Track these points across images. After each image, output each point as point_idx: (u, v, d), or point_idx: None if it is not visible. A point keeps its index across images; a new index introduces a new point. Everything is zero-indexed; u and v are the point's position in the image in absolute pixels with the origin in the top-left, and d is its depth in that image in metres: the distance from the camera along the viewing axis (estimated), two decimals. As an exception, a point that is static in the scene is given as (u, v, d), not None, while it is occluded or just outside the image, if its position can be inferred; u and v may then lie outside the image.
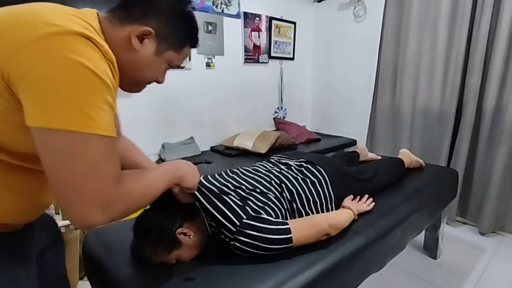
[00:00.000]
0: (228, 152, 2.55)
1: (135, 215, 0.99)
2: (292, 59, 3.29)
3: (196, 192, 0.99)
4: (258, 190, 1.07)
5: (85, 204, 0.55)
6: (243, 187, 1.07)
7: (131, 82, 0.72)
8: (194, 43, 0.77)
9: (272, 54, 3.07)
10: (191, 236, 0.94)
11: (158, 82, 0.77)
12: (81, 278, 1.67)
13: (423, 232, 1.83)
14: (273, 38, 3.03)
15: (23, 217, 0.71)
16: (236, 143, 2.57)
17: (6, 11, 0.55)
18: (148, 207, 0.98)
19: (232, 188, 1.06)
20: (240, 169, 1.22)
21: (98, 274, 1.03)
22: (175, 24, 0.69)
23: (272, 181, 1.14)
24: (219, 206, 0.97)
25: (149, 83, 0.76)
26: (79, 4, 1.78)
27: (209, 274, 0.91)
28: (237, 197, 1.01)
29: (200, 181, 1.02)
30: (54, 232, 0.90)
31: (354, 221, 1.17)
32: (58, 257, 0.90)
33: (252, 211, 0.97)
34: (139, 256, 0.94)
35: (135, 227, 0.94)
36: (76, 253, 1.54)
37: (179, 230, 0.92)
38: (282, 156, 1.41)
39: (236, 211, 0.96)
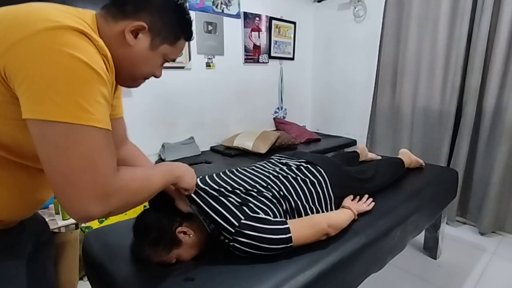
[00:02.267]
0: (228, 152, 2.55)
1: (134, 215, 0.99)
2: (292, 59, 3.29)
3: (193, 195, 0.99)
4: (255, 190, 1.07)
5: (82, 195, 0.55)
6: (241, 187, 1.07)
7: (128, 77, 0.73)
8: (188, 35, 0.77)
9: (272, 54, 3.07)
10: (191, 235, 0.94)
11: (156, 77, 0.77)
12: (81, 278, 1.67)
13: (423, 232, 1.83)
14: (273, 38, 3.03)
15: (18, 214, 0.71)
16: (236, 143, 2.57)
17: (5, 10, 0.56)
18: (148, 207, 0.98)
19: (230, 189, 1.05)
20: (239, 169, 1.22)
21: (98, 274, 1.02)
22: (168, 17, 0.70)
23: (271, 181, 1.13)
24: (217, 208, 0.97)
25: (146, 78, 0.76)
26: (79, 3, 1.79)
27: (209, 274, 0.91)
28: (235, 198, 1.01)
29: (197, 183, 1.02)
30: (45, 234, 0.89)
31: (354, 221, 1.17)
32: (48, 259, 0.89)
33: (250, 211, 0.97)
34: (139, 255, 0.94)
35: (135, 226, 0.94)
36: (76, 253, 1.55)
37: (179, 229, 0.92)
38: (282, 156, 1.41)
39: (234, 212, 0.96)
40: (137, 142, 1.03)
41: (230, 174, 1.17)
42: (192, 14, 0.71)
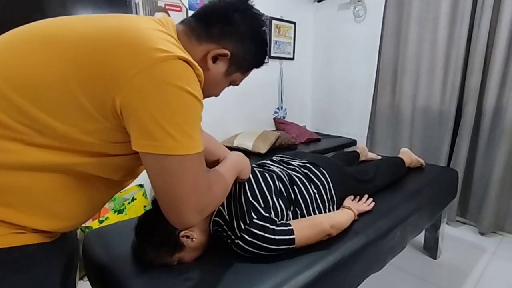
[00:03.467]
0: (228, 152, 2.55)
1: (134, 215, 0.99)
2: (292, 59, 3.29)
3: None
4: (268, 191, 1.07)
5: (189, 212, 0.61)
6: (254, 190, 1.06)
7: None
8: (260, 66, 0.78)
9: (272, 54, 3.07)
10: (194, 239, 0.93)
11: (214, 96, 0.79)
12: (81, 278, 1.67)
13: (423, 232, 1.83)
14: (273, 38, 3.03)
15: (75, 224, 0.71)
16: (236, 143, 2.57)
17: (99, 24, 0.56)
18: (149, 207, 0.98)
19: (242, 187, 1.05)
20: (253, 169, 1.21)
21: (98, 274, 1.02)
22: (249, 48, 0.70)
23: (280, 183, 1.14)
24: (232, 205, 0.99)
25: (209, 97, 0.78)
26: (79, 5, 1.78)
27: (209, 274, 0.91)
28: (248, 196, 1.01)
29: None
30: (76, 253, 0.88)
31: (354, 221, 1.17)
32: (75, 268, 0.88)
33: (264, 211, 0.98)
34: (140, 257, 0.94)
35: (137, 228, 0.94)
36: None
37: (182, 233, 0.91)
38: (284, 156, 1.41)
39: (248, 210, 0.97)
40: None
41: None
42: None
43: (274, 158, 1.41)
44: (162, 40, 0.56)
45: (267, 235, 0.92)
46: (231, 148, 2.58)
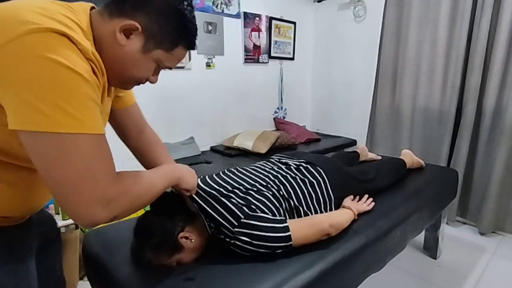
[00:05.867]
0: (228, 152, 2.55)
1: (135, 215, 0.99)
2: (292, 59, 3.29)
3: (194, 195, 0.99)
4: (255, 189, 1.07)
5: (84, 203, 0.55)
6: (241, 187, 1.07)
7: (118, 79, 0.70)
8: (189, 44, 0.72)
9: (272, 54, 3.07)
10: (193, 240, 0.93)
11: (151, 82, 0.74)
12: (81, 278, 1.67)
13: (423, 232, 1.83)
14: (273, 38, 3.03)
15: (23, 211, 0.71)
16: (236, 143, 2.57)
17: None
18: (149, 209, 0.98)
19: (230, 188, 1.05)
20: (238, 168, 1.22)
21: (98, 274, 1.03)
22: (166, 22, 0.65)
23: (270, 180, 1.14)
24: (216, 208, 0.98)
25: (140, 82, 0.73)
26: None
27: (209, 274, 0.91)
28: (235, 198, 1.01)
29: (198, 184, 1.02)
30: (53, 231, 0.91)
31: (354, 221, 1.17)
32: (56, 255, 0.91)
33: (250, 211, 0.97)
34: (140, 259, 0.94)
35: (136, 229, 0.94)
36: (76, 253, 1.55)
37: (181, 234, 0.91)
38: (283, 156, 1.41)
39: (234, 211, 0.96)
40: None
41: (230, 174, 1.17)
42: (196, 19, 0.69)
43: (272, 158, 1.41)
44: (37, 14, 0.51)
45: (259, 232, 0.92)
46: (231, 148, 2.59)
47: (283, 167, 1.26)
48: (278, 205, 1.06)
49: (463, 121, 2.23)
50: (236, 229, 0.93)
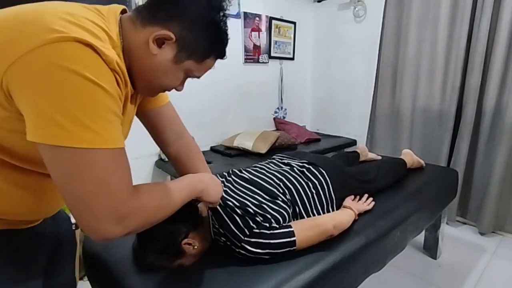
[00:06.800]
0: (228, 152, 2.55)
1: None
2: (292, 59, 3.29)
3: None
4: (268, 198, 1.06)
5: (98, 218, 0.54)
6: (256, 195, 1.06)
7: (145, 87, 0.68)
8: (220, 54, 0.71)
9: (272, 54, 3.07)
10: (196, 246, 0.93)
11: (177, 90, 0.72)
12: (81, 278, 1.67)
13: (423, 232, 1.83)
14: (273, 38, 3.03)
15: (38, 214, 0.71)
16: (236, 143, 2.57)
17: (9, 13, 0.52)
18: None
19: (244, 196, 1.05)
20: (246, 174, 1.20)
21: (98, 274, 1.03)
22: (199, 32, 0.64)
23: (276, 184, 1.14)
24: (234, 217, 0.96)
25: (166, 90, 0.72)
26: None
27: (209, 274, 0.91)
28: (252, 206, 1.00)
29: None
30: (68, 232, 0.90)
31: (354, 221, 1.17)
32: (70, 257, 0.91)
33: (264, 220, 0.97)
34: (141, 261, 0.94)
35: (139, 232, 0.93)
36: (76, 253, 1.54)
37: (185, 240, 0.90)
38: (284, 156, 1.41)
39: (248, 222, 0.95)
40: (137, 142, 1.03)
41: (241, 181, 1.15)
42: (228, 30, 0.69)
43: (273, 158, 1.41)
44: (63, 21, 0.50)
45: (267, 241, 0.93)
46: (231, 148, 2.59)
47: (286, 168, 1.25)
48: (287, 209, 1.07)
49: (463, 121, 2.23)
50: (246, 238, 0.93)
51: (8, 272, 0.63)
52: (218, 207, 0.97)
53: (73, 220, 0.92)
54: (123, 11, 0.65)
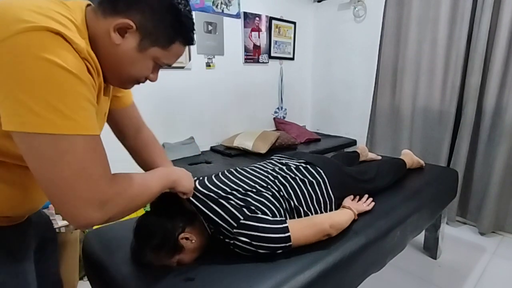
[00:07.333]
0: (228, 152, 2.55)
1: (135, 215, 0.99)
2: (292, 59, 3.29)
3: (192, 198, 0.99)
4: (254, 190, 1.06)
5: (78, 204, 0.54)
6: (240, 188, 1.06)
7: (116, 78, 0.69)
8: (186, 39, 0.70)
9: (272, 54, 3.07)
10: (193, 241, 0.93)
11: (150, 80, 0.72)
12: (81, 278, 1.67)
13: (423, 232, 1.83)
14: (273, 38, 3.03)
15: (23, 210, 0.71)
16: (236, 143, 2.57)
17: None
18: (149, 209, 0.98)
19: (229, 190, 1.05)
20: (238, 169, 1.22)
21: (98, 274, 1.03)
22: (160, 18, 0.64)
23: (270, 181, 1.13)
24: (215, 209, 0.98)
25: (139, 81, 0.72)
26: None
27: (209, 274, 0.91)
28: (234, 199, 1.01)
29: (195, 186, 1.02)
30: (50, 231, 0.91)
31: (354, 221, 1.17)
32: (53, 256, 0.91)
33: (249, 212, 0.97)
34: (140, 259, 0.94)
35: (136, 230, 0.93)
36: (76, 253, 1.54)
37: (182, 235, 0.91)
38: (282, 156, 1.41)
39: (233, 213, 0.96)
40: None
41: (229, 175, 1.16)
42: (192, 14, 0.68)
43: (272, 158, 1.41)
44: (32, 12, 0.50)
45: (259, 233, 0.92)
46: (231, 148, 2.59)
47: (283, 167, 1.25)
48: (278, 206, 1.06)
49: (463, 121, 2.23)
50: (235, 230, 0.93)
51: None
52: (195, 200, 0.99)
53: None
54: (88, 6, 0.66)
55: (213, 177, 1.14)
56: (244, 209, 0.98)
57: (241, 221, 0.94)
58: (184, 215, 0.96)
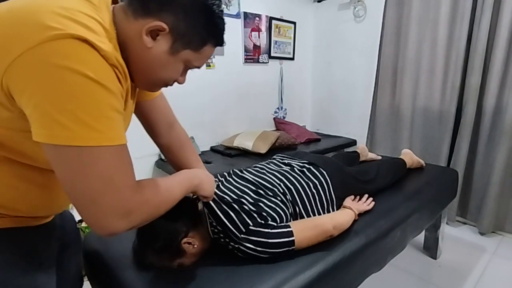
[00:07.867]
0: (228, 152, 2.55)
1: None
2: (292, 59, 3.29)
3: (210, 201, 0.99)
4: (265, 195, 1.07)
5: (104, 214, 0.55)
6: (251, 192, 1.06)
7: (145, 81, 0.67)
8: (218, 42, 0.68)
9: (272, 54, 3.07)
10: (195, 245, 0.93)
11: (178, 83, 0.71)
12: (81, 278, 1.67)
13: (423, 232, 1.83)
14: (273, 38, 3.03)
15: (50, 210, 0.72)
16: (236, 143, 2.57)
17: (2, 7, 0.51)
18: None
19: (240, 194, 1.05)
20: (247, 173, 1.21)
21: (98, 273, 1.03)
22: (193, 20, 0.61)
23: (276, 184, 1.13)
24: (228, 213, 0.97)
25: (167, 85, 0.70)
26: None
27: (209, 274, 0.91)
28: (247, 204, 1.01)
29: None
30: (73, 232, 0.92)
31: (354, 221, 1.17)
32: (76, 256, 0.92)
33: (260, 218, 0.97)
34: (141, 260, 0.95)
35: (139, 231, 0.93)
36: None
37: (184, 240, 0.91)
38: (284, 156, 1.41)
39: (244, 218, 0.96)
40: (137, 141, 1.03)
41: (240, 178, 1.16)
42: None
43: (274, 158, 1.41)
44: (56, 16, 0.48)
45: (265, 240, 0.93)
46: (231, 148, 2.59)
47: (287, 168, 1.25)
48: (285, 210, 1.07)
49: (463, 121, 2.23)
50: (242, 236, 0.94)
51: (21, 267, 0.64)
52: (212, 202, 0.99)
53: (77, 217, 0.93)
54: (114, 1, 0.64)
55: (224, 182, 1.14)
56: (256, 215, 0.98)
57: (250, 227, 0.94)
58: (188, 218, 0.94)
